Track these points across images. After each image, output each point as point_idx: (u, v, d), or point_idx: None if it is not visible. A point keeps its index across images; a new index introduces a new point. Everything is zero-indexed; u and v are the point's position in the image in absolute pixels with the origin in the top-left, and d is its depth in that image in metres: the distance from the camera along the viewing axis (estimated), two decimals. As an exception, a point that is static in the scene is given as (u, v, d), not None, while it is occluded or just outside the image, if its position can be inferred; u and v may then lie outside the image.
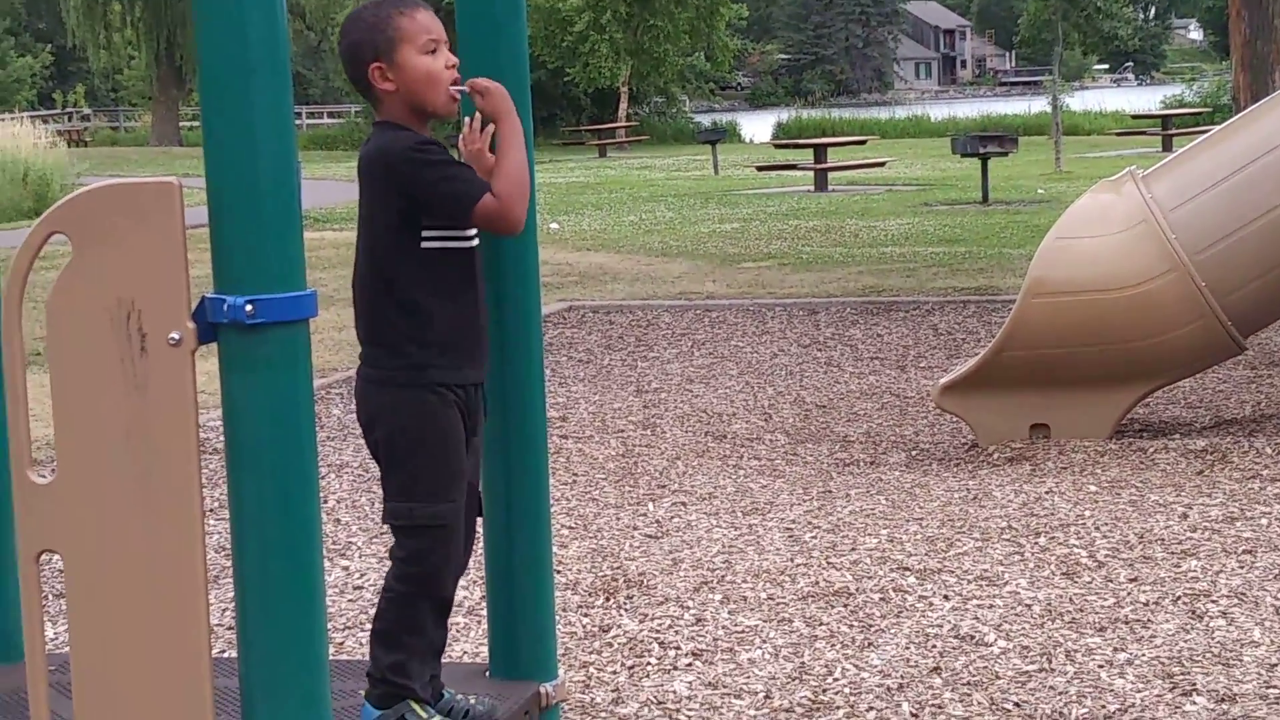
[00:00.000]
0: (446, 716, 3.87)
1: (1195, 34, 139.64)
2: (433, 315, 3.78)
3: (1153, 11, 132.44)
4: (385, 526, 6.70)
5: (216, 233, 3.06)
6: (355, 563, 6.34)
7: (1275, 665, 4.84)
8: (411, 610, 3.84)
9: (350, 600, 5.86)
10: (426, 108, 3.80)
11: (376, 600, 4.00)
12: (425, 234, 3.76)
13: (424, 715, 3.81)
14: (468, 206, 3.71)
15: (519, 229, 3.79)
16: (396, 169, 3.74)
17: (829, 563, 6.10)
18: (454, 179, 3.73)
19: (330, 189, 29.70)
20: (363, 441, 8.49)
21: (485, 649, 4.31)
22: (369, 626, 5.16)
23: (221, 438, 3.15)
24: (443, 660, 3.98)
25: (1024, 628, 5.28)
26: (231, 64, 3.04)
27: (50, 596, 5.60)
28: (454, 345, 3.82)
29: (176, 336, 3.05)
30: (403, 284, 3.77)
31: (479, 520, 4.05)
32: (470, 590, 5.53)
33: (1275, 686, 4.67)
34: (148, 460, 3.08)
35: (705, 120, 59.69)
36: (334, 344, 11.74)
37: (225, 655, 4.21)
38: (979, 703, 4.65)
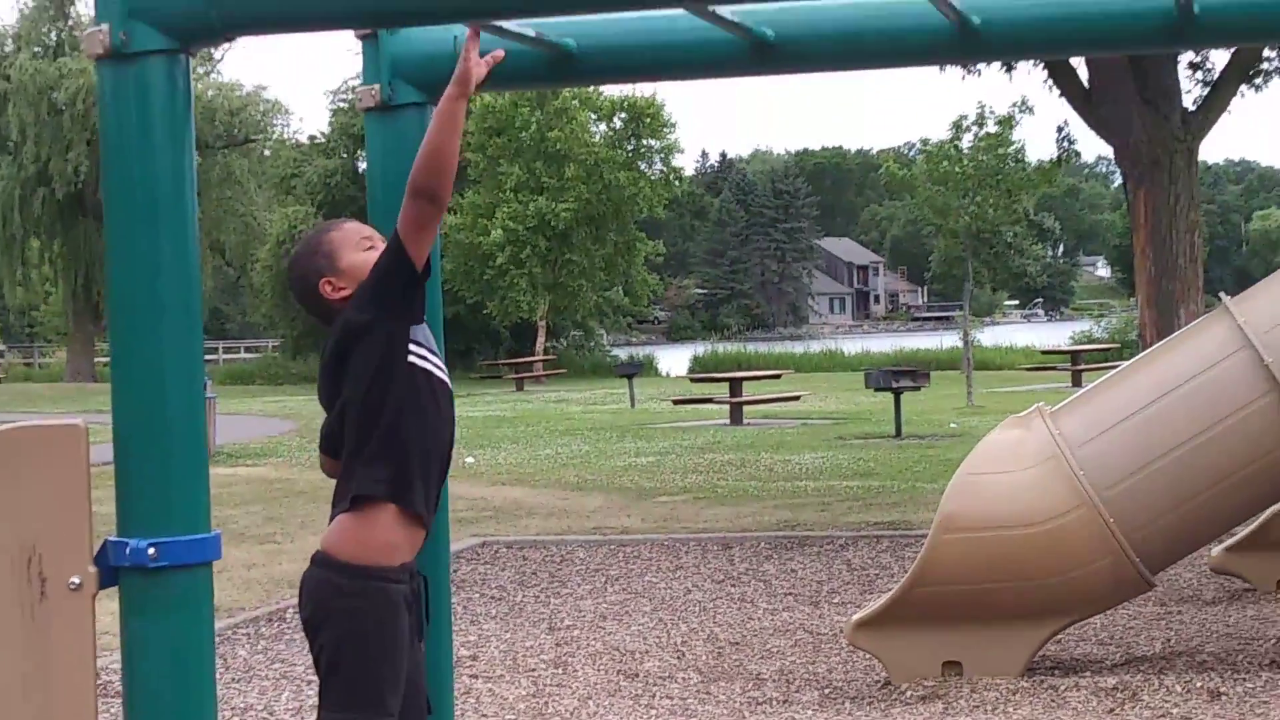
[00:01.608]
0: None
1: (1103, 270, 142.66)
2: (409, 431, 3.88)
3: (1061, 249, 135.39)
4: (293, 769, 6.62)
5: (121, 475, 3.07)
6: (260, 807, 6.23)
7: None
8: None
9: (254, 846, 5.75)
10: None
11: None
12: (410, 349, 3.90)
13: None
14: (391, 243, 3.84)
15: (435, 198, 3.80)
16: (347, 318, 3.91)
17: (742, 804, 6.03)
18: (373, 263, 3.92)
19: (246, 424, 29.61)
20: (267, 684, 8.40)
21: None
22: None
23: (120, 680, 3.11)
24: None
25: None
26: (142, 307, 3.07)
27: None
28: (425, 468, 3.92)
29: (77, 581, 3.04)
30: (389, 407, 3.86)
31: None
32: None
33: None
34: (45, 707, 3.04)
35: (623, 354, 60.11)
36: (243, 582, 11.63)
37: None
38: None
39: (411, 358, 3.90)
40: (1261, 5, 4.19)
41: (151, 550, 3.00)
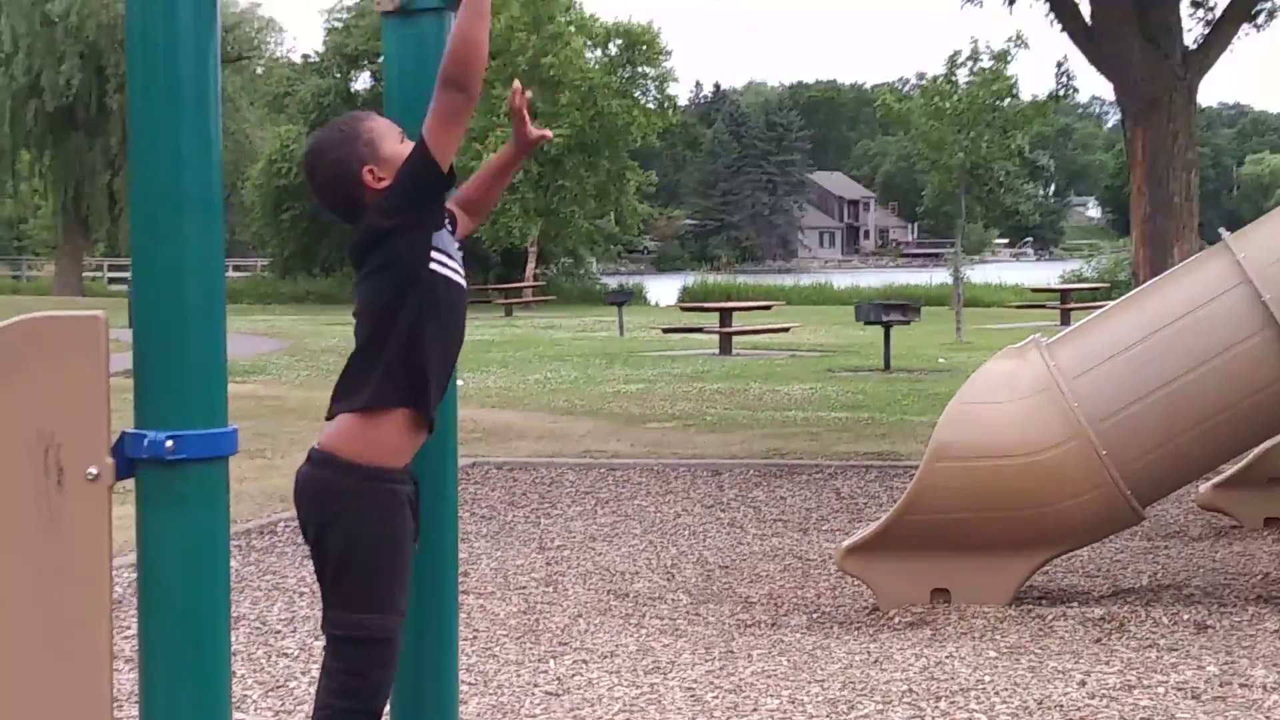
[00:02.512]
0: None
1: (1093, 211, 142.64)
2: (427, 339, 3.85)
3: (1053, 189, 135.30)
4: (282, 679, 6.66)
5: (140, 367, 3.07)
6: (250, 716, 6.25)
7: (1174, 831, 4.85)
8: None
9: (247, 752, 5.78)
10: None
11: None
12: (432, 256, 3.87)
13: None
14: (417, 148, 3.81)
15: (464, 88, 3.76)
16: (370, 223, 3.88)
17: (731, 722, 6.08)
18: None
19: (234, 342, 29.25)
20: (259, 595, 8.42)
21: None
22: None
23: (123, 586, 3.13)
24: None
25: (926, 790, 5.28)
26: (164, 198, 3.07)
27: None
28: (440, 373, 3.92)
29: (95, 471, 3.04)
30: (407, 315, 3.84)
31: None
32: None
33: None
34: (59, 598, 3.06)
35: (612, 282, 60.05)
36: (235, 495, 11.51)
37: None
38: None
39: (433, 265, 3.86)
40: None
41: (169, 443, 3.00)
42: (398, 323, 3.83)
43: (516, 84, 4.19)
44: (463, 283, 4.00)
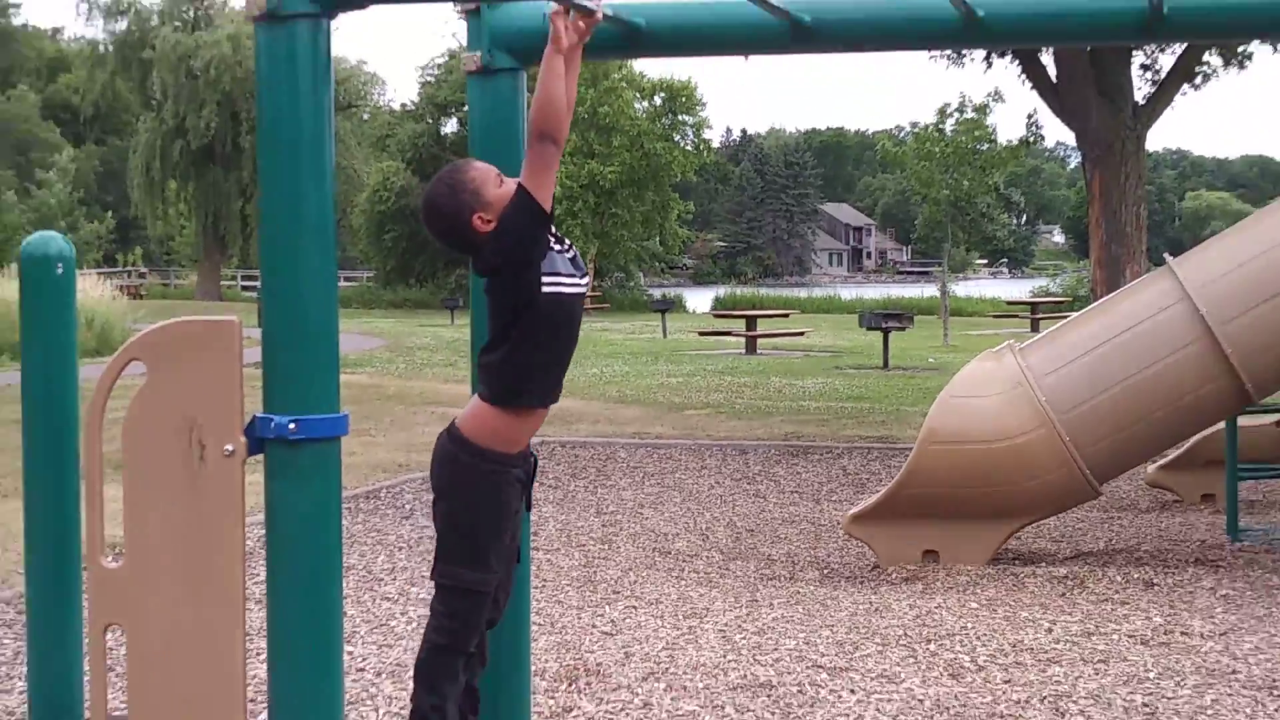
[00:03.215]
0: None
1: (1058, 237, 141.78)
2: (544, 350, 3.82)
3: (1024, 218, 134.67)
4: (384, 618, 6.66)
5: (268, 364, 3.09)
6: (358, 648, 6.27)
7: (1125, 755, 4.81)
8: (448, 660, 3.82)
9: (353, 680, 5.78)
10: None
11: (406, 657, 3.95)
12: (544, 281, 3.75)
13: None
14: (518, 195, 3.70)
15: (555, 139, 3.69)
16: (483, 267, 3.80)
17: (755, 659, 6.06)
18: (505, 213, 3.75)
19: (342, 340, 29.45)
20: (365, 549, 8.43)
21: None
22: (369, 704, 5.12)
23: (253, 540, 3.13)
24: None
25: None
26: (288, 228, 3.08)
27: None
28: (559, 371, 3.90)
29: (230, 448, 3.06)
30: (526, 334, 3.77)
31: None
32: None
33: (1125, 772, 4.64)
34: (201, 551, 3.08)
35: (656, 293, 59.95)
36: (344, 467, 11.63)
37: (251, 721, 4.13)
38: (880, 779, 4.60)
39: (545, 289, 3.76)
40: (1220, 8, 4.14)
41: (292, 425, 3.02)
42: (513, 340, 3.77)
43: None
44: (575, 290, 3.87)
